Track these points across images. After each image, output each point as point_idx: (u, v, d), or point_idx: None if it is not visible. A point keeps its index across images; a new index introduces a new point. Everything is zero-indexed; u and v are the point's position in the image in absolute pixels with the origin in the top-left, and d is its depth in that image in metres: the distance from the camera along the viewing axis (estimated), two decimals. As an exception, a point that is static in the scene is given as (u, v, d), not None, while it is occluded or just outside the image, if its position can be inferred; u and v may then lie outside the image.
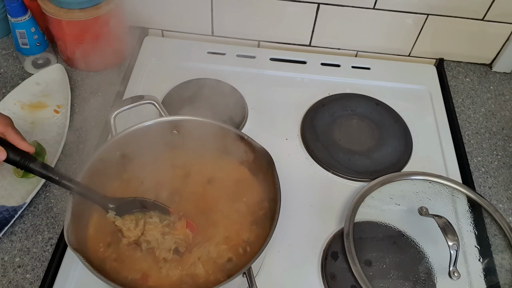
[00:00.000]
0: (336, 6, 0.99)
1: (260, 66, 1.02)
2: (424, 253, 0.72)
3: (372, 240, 0.73)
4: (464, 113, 0.99)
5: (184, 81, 0.95)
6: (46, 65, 0.97)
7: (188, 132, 0.74)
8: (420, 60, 1.10)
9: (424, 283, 0.69)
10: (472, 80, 1.07)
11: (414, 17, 1.00)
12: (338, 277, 0.70)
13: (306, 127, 0.90)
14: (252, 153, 0.71)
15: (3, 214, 0.74)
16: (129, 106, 0.73)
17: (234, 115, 0.90)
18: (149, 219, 0.67)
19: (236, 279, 0.57)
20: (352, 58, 1.07)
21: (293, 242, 0.75)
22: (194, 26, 1.07)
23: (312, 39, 1.07)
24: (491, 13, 0.98)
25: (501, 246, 0.74)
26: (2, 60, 0.99)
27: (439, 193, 0.79)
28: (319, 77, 1.02)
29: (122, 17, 0.97)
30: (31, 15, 0.92)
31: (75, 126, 0.88)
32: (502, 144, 0.94)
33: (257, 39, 1.08)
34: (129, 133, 0.71)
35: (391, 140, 0.89)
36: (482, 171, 0.89)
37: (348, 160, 0.85)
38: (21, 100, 0.90)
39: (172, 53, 1.03)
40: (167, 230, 0.66)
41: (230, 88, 0.96)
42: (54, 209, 0.77)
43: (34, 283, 0.68)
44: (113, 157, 0.70)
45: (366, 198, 0.77)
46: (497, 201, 0.84)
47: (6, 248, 0.72)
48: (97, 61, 0.97)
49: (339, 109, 0.94)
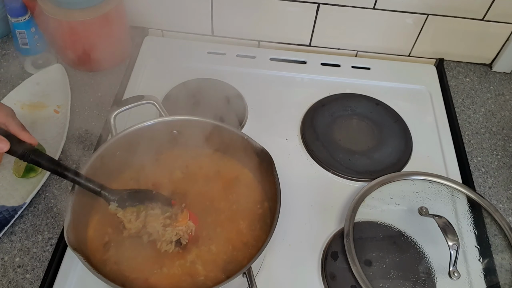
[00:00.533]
0: (336, 6, 0.99)
1: (260, 66, 1.02)
2: (424, 253, 0.72)
3: (372, 240, 0.73)
4: (464, 113, 0.99)
5: (184, 81, 0.95)
6: (46, 65, 0.97)
7: (188, 132, 0.74)
8: (420, 60, 1.10)
9: (424, 283, 0.69)
10: (472, 80, 1.07)
11: (414, 17, 1.00)
12: (338, 277, 0.70)
13: (306, 127, 0.90)
14: (252, 153, 0.71)
15: (3, 214, 0.74)
16: (129, 106, 0.73)
17: (234, 115, 0.90)
18: (150, 211, 0.66)
19: (236, 279, 0.57)
20: (352, 58, 1.07)
21: (293, 242, 0.75)
22: (194, 26, 1.07)
23: (312, 39, 1.07)
24: (491, 13, 0.98)
25: (501, 246, 0.74)
26: (2, 60, 0.99)
27: (439, 193, 0.79)
28: (319, 77, 1.02)
29: (122, 17, 0.97)
30: (31, 15, 0.92)
31: (75, 126, 0.88)
32: (502, 144, 0.94)
33: (257, 39, 1.08)
34: (129, 133, 0.71)
35: (391, 140, 0.89)
36: (482, 171, 0.89)
37: (348, 160, 0.85)
38: (21, 100, 0.90)
39: (172, 53, 1.03)
40: (169, 221, 0.66)
41: (230, 88, 0.96)
42: (54, 209, 0.77)
43: (34, 283, 0.68)
44: (113, 157, 0.70)
45: (366, 198, 0.77)
46: (497, 201, 0.84)
47: (6, 248, 0.72)
48: (97, 61, 0.97)
49: (339, 109, 0.94)
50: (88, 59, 0.96)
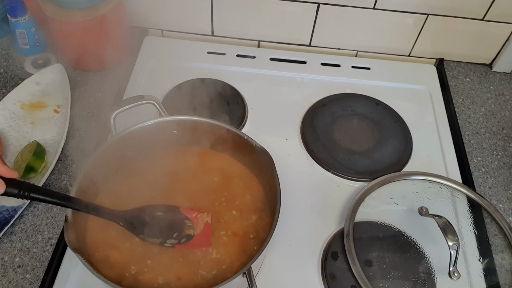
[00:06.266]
0: (336, 6, 0.99)
1: (260, 66, 1.02)
2: (424, 253, 0.72)
3: (372, 240, 0.73)
4: (464, 113, 0.99)
5: (184, 81, 0.95)
6: (46, 65, 0.97)
7: (188, 132, 0.74)
8: (420, 60, 1.10)
9: (424, 283, 0.69)
10: (472, 80, 1.07)
11: (414, 17, 1.00)
12: (338, 277, 0.70)
13: (306, 127, 0.90)
14: (252, 153, 0.71)
15: (3, 214, 0.73)
16: (129, 106, 0.73)
17: (234, 115, 0.90)
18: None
19: (236, 279, 0.57)
20: (352, 58, 1.07)
21: (293, 242, 0.75)
22: (194, 26, 1.07)
23: (312, 39, 1.07)
24: (491, 13, 0.98)
25: (501, 246, 0.74)
26: (2, 60, 0.99)
27: (439, 193, 0.79)
28: (319, 77, 1.02)
29: (122, 17, 0.97)
30: (31, 15, 0.92)
31: (75, 126, 0.88)
32: (502, 144, 0.94)
33: (257, 39, 1.08)
34: (129, 133, 0.71)
35: (391, 140, 0.89)
36: (482, 171, 0.89)
37: (348, 160, 0.85)
38: (21, 100, 0.90)
39: (172, 53, 1.03)
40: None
41: (230, 88, 0.96)
42: (54, 209, 0.77)
43: (34, 283, 0.68)
44: (113, 157, 0.70)
45: (366, 198, 0.77)
46: (497, 201, 0.84)
47: (6, 248, 0.72)
48: (97, 61, 0.97)
49: (339, 109, 0.94)
50: (88, 59, 0.96)
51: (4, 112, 0.87)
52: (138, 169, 0.73)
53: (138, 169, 0.74)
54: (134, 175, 0.73)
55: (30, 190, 0.56)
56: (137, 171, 0.73)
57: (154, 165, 0.74)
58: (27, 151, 0.80)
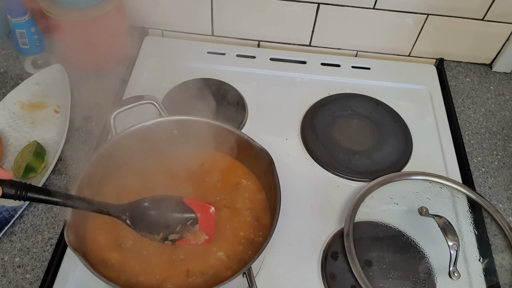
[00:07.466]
0: (336, 6, 0.99)
1: (260, 66, 1.02)
2: (424, 253, 0.72)
3: (372, 240, 0.73)
4: (464, 113, 0.99)
5: (184, 81, 0.95)
6: (46, 65, 0.96)
7: (188, 132, 0.74)
8: (420, 60, 1.10)
9: (424, 283, 0.69)
10: (472, 80, 1.07)
11: (414, 17, 1.00)
12: (338, 277, 0.70)
13: (306, 127, 0.90)
14: (252, 153, 0.71)
15: (3, 214, 0.73)
16: (129, 106, 0.73)
17: (234, 115, 0.90)
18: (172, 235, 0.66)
19: (236, 279, 0.57)
20: (352, 58, 1.07)
21: (293, 242, 0.75)
22: (194, 26, 1.07)
23: (312, 39, 1.07)
24: (491, 13, 0.98)
25: (501, 246, 0.74)
26: (2, 60, 0.99)
27: (439, 193, 0.79)
28: (319, 77, 1.02)
29: (122, 17, 0.97)
30: (31, 15, 0.92)
31: (75, 126, 0.88)
32: (502, 144, 0.94)
33: (257, 39, 1.08)
34: (129, 133, 0.71)
35: (391, 140, 0.89)
36: (482, 171, 0.89)
37: (348, 160, 0.85)
38: (21, 100, 0.90)
39: (172, 53, 1.03)
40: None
41: (230, 88, 0.96)
42: (54, 209, 0.77)
43: (34, 283, 0.68)
44: (113, 157, 0.70)
45: (366, 198, 0.77)
46: (497, 201, 0.84)
47: (6, 248, 0.72)
48: (97, 61, 0.97)
49: (339, 109, 0.94)
50: (88, 59, 0.96)
51: (4, 112, 0.87)
52: (138, 169, 0.73)
53: (138, 169, 0.74)
54: (134, 175, 0.73)
55: (27, 190, 0.54)
56: (137, 171, 0.73)
57: (154, 165, 0.74)
58: (27, 151, 0.80)
